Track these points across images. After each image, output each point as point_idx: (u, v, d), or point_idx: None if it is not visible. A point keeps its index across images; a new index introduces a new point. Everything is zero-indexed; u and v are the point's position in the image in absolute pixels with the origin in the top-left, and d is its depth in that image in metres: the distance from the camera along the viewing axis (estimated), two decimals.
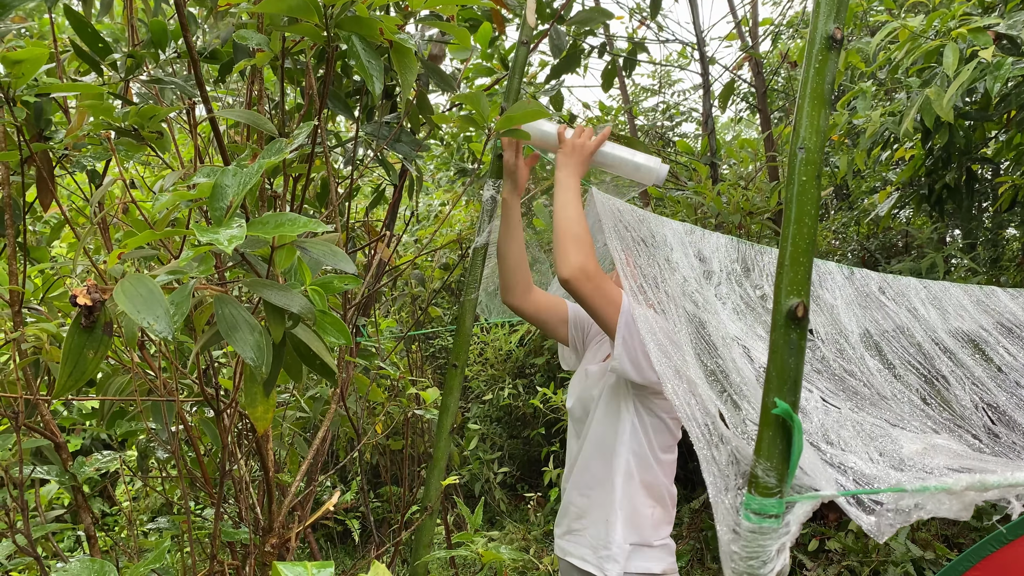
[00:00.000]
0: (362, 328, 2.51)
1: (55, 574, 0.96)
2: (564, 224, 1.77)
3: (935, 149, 3.68)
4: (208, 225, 0.98)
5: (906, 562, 3.46)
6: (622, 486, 1.84)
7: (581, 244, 1.73)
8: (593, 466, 1.90)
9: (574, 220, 1.77)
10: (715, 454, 0.97)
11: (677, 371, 1.37)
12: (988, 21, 2.83)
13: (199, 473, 1.85)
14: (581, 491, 1.92)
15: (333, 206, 1.83)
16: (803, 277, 0.80)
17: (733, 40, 5.48)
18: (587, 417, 1.94)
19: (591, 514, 1.88)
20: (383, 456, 4.76)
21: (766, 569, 0.79)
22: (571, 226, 1.76)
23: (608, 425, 1.88)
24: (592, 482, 1.89)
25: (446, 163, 4.88)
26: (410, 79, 1.51)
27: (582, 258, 1.71)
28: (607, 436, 1.88)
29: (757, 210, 4.21)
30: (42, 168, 1.57)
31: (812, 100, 0.79)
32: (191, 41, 1.26)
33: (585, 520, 1.89)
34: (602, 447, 1.88)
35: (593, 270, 1.71)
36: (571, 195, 1.82)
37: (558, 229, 1.77)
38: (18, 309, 1.53)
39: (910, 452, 1.04)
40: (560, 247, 1.75)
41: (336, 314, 1.20)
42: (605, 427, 1.88)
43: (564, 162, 1.86)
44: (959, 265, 4.40)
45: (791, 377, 0.81)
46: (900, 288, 1.78)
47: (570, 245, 1.73)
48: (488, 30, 2.63)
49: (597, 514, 1.86)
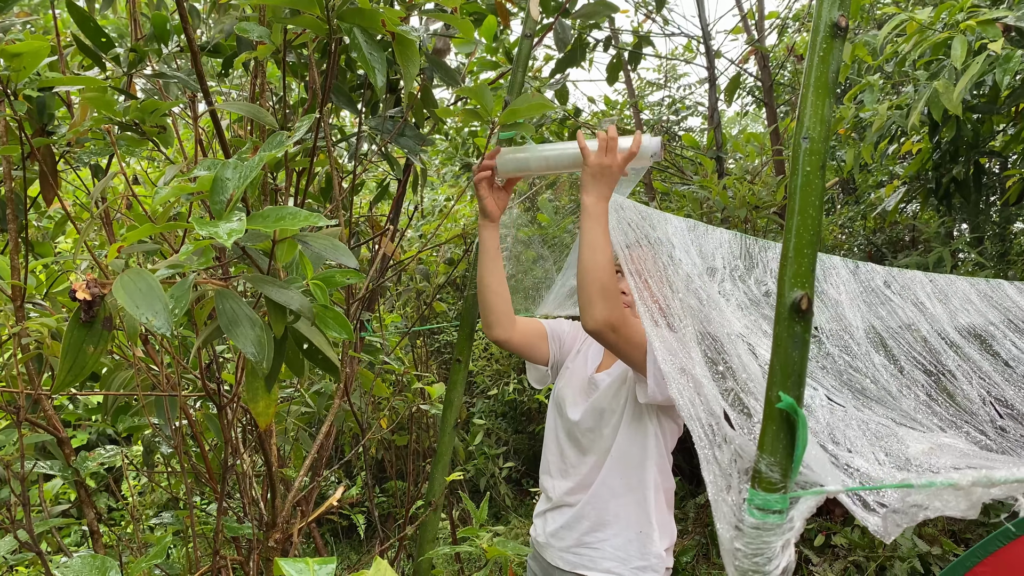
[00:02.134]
0: (367, 323, 2.50)
1: (57, 569, 0.96)
2: (591, 270, 1.62)
3: (943, 143, 3.65)
4: (209, 219, 0.97)
5: (912, 557, 3.45)
6: (653, 497, 1.82)
7: (607, 295, 1.61)
8: (615, 480, 1.84)
9: (601, 267, 1.61)
10: (717, 454, 0.96)
11: (682, 369, 1.36)
12: (997, 13, 2.80)
13: (203, 468, 1.84)
14: (597, 504, 1.86)
15: (337, 201, 1.82)
16: (807, 269, 0.79)
17: (739, 34, 5.45)
18: (601, 428, 1.88)
19: (614, 526, 1.83)
20: (388, 451, 4.76)
21: (771, 566, 0.78)
22: (599, 275, 1.61)
23: (635, 440, 1.84)
24: (616, 494, 1.84)
25: (451, 158, 4.87)
26: (413, 71, 1.50)
27: (607, 312, 1.60)
28: (633, 450, 1.83)
29: (763, 204, 4.19)
30: (45, 163, 1.57)
31: (816, 89, 0.78)
32: (191, 34, 1.26)
33: (605, 532, 1.84)
34: (628, 461, 1.84)
35: (619, 321, 1.62)
36: (600, 232, 1.64)
37: (584, 275, 1.63)
38: (20, 304, 1.53)
39: (916, 452, 1.03)
40: (586, 297, 1.62)
41: (339, 309, 1.19)
42: (632, 442, 1.84)
43: (590, 185, 1.66)
44: (966, 260, 4.37)
45: (795, 371, 0.80)
46: (906, 282, 1.76)
47: (596, 297, 1.60)
48: (492, 24, 2.62)
49: (623, 526, 1.82)
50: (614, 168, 1.65)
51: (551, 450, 2.01)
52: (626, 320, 1.64)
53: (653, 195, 5.18)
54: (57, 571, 0.99)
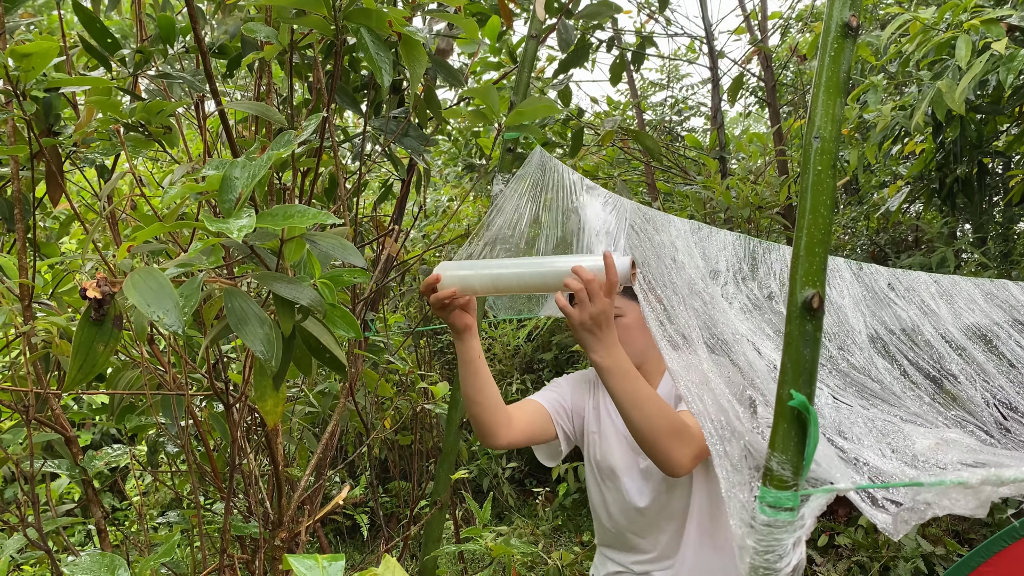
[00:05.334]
0: (371, 323, 2.51)
1: (66, 568, 0.96)
2: (650, 429, 1.42)
3: (946, 143, 3.65)
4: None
5: (916, 557, 3.45)
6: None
7: (681, 435, 1.43)
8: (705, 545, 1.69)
9: (657, 416, 1.42)
10: (728, 449, 0.97)
11: (688, 365, 1.35)
12: (1001, 12, 2.80)
13: (209, 468, 1.85)
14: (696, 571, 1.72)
15: (341, 201, 1.83)
16: (819, 268, 0.79)
17: (742, 34, 5.46)
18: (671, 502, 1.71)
19: None
20: (392, 451, 4.77)
21: (783, 563, 0.79)
22: (659, 424, 1.42)
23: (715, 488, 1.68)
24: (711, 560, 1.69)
25: (454, 158, 4.87)
26: (419, 72, 1.50)
27: (691, 450, 1.44)
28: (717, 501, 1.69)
29: (766, 204, 4.20)
30: (51, 163, 1.57)
31: (827, 89, 0.79)
32: (200, 34, 1.26)
33: None
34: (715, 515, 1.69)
35: (703, 451, 1.45)
36: (631, 387, 1.42)
37: (647, 434, 1.42)
38: (28, 303, 1.53)
39: (923, 448, 1.03)
40: (663, 450, 1.43)
41: (345, 308, 1.20)
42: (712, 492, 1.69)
43: (591, 342, 1.42)
44: (970, 260, 4.37)
45: (806, 369, 0.80)
46: (909, 283, 1.76)
47: (673, 443, 1.42)
48: (496, 24, 2.62)
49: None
50: (607, 311, 1.40)
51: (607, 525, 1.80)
52: (700, 438, 1.44)
53: (656, 195, 5.18)
54: (66, 569, 1.00)
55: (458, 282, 1.52)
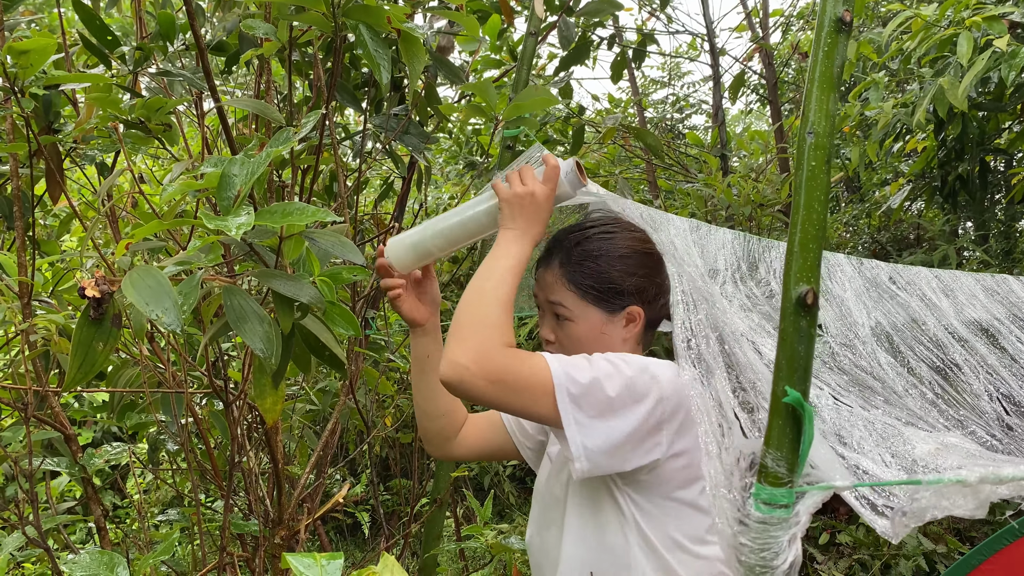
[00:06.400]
0: (372, 321, 2.51)
1: (65, 566, 0.97)
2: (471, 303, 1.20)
3: (948, 140, 3.65)
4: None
5: (917, 555, 3.45)
6: None
7: (479, 328, 1.16)
8: None
9: (488, 298, 1.19)
10: (720, 447, 0.96)
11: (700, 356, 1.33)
12: (1003, 9, 2.79)
13: (209, 465, 1.85)
14: None
15: (342, 198, 1.83)
16: (813, 264, 0.79)
17: (743, 31, 5.45)
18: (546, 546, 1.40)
19: None
20: (392, 449, 4.76)
21: (779, 560, 0.79)
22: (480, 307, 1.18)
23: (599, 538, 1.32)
24: None
25: (455, 156, 4.87)
26: (418, 68, 1.50)
27: (475, 348, 1.14)
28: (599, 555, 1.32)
29: (768, 202, 4.19)
30: (51, 161, 1.58)
31: (821, 84, 0.78)
32: (198, 31, 1.26)
33: None
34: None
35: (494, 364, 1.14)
36: (504, 266, 1.21)
37: (460, 310, 1.20)
38: (28, 301, 1.53)
39: (922, 453, 1.03)
40: (450, 335, 1.17)
41: (345, 306, 1.20)
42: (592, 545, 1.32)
43: (510, 218, 1.24)
44: (971, 257, 4.36)
45: (801, 365, 0.80)
46: (911, 277, 1.76)
47: (465, 332, 1.15)
48: (497, 22, 2.62)
49: None
50: (537, 195, 1.23)
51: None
52: (508, 361, 1.14)
53: (657, 193, 5.18)
54: (65, 567, 1.00)
55: (411, 251, 1.37)
